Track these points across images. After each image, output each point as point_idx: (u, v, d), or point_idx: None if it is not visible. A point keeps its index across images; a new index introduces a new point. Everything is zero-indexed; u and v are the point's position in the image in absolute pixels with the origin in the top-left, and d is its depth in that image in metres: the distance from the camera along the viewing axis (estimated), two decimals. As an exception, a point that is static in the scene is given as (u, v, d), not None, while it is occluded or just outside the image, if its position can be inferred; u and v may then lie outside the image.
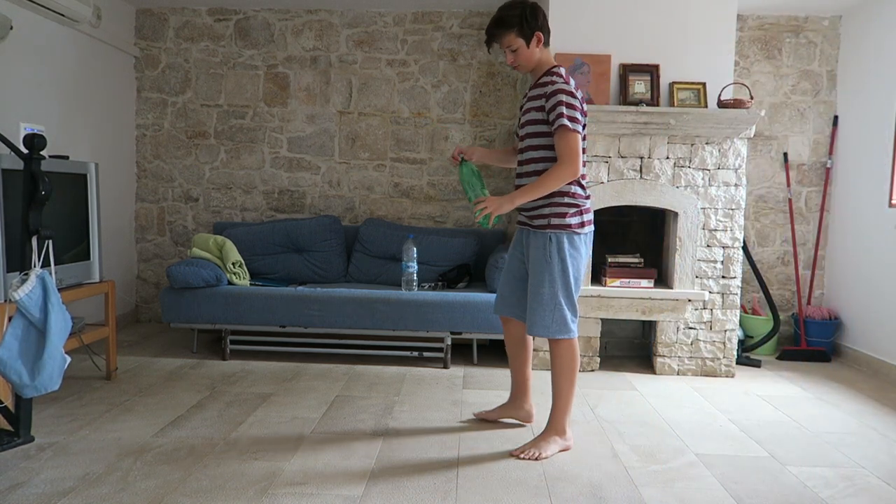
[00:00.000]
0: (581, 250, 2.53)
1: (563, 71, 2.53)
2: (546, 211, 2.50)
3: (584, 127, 2.51)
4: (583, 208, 2.53)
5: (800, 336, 4.33)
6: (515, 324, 2.78)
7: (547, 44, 2.56)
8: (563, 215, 2.49)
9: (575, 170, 2.42)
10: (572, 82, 2.50)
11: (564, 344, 2.54)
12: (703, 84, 3.77)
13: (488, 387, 3.45)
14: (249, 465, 2.37)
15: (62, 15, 3.72)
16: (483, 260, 4.42)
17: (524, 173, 2.57)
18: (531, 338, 2.79)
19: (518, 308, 2.72)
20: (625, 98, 3.77)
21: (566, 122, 2.40)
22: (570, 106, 2.42)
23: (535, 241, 2.54)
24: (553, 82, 2.47)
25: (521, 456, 2.50)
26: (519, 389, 2.85)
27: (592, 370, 3.81)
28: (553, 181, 2.42)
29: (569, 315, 2.52)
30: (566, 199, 2.49)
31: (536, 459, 2.48)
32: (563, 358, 2.55)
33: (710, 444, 2.71)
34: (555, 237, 2.49)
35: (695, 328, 3.78)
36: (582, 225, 2.52)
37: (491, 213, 2.46)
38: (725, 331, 3.77)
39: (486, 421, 2.89)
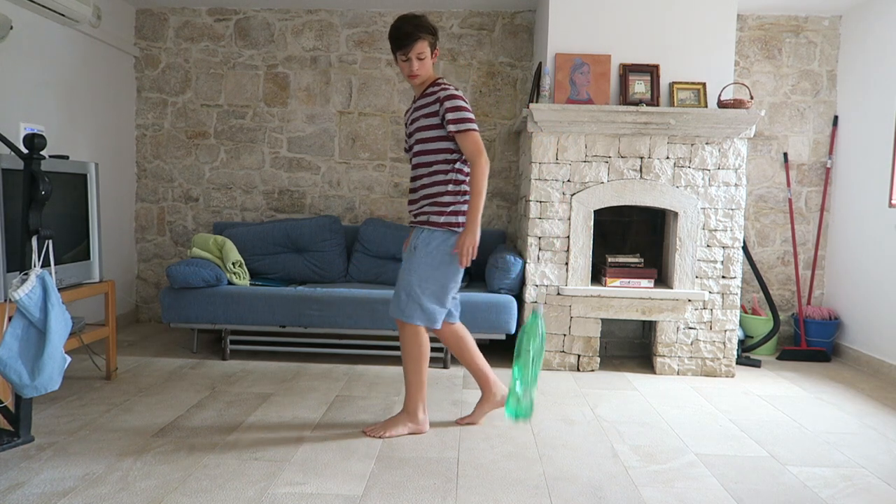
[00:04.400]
0: (444, 247, 2.61)
1: (447, 81, 2.67)
2: (428, 209, 2.64)
3: None
4: (460, 209, 2.63)
5: (800, 336, 4.33)
6: (446, 325, 2.80)
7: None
8: (441, 213, 2.61)
9: (486, 160, 2.56)
10: (458, 89, 2.63)
11: (409, 329, 2.64)
12: (703, 84, 3.77)
13: (488, 387, 3.45)
14: (249, 465, 2.37)
15: (62, 15, 3.72)
16: (483, 260, 4.42)
17: (418, 176, 2.68)
18: (465, 331, 2.84)
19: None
20: (625, 98, 3.77)
21: (466, 124, 2.54)
22: (463, 109, 2.55)
23: (416, 236, 2.67)
24: (444, 88, 2.59)
25: (368, 433, 2.67)
26: (483, 381, 2.86)
27: (592, 370, 3.81)
28: (480, 180, 2.55)
29: (424, 305, 2.61)
30: (444, 198, 2.61)
31: (379, 437, 2.65)
32: (407, 343, 2.66)
33: (710, 444, 2.71)
34: (428, 232, 2.62)
35: (695, 328, 3.78)
36: (458, 224, 2.62)
37: (471, 254, 2.57)
38: (725, 331, 3.77)
39: (473, 423, 2.88)
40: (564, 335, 3.80)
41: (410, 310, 2.62)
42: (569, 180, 3.76)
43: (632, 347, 4.23)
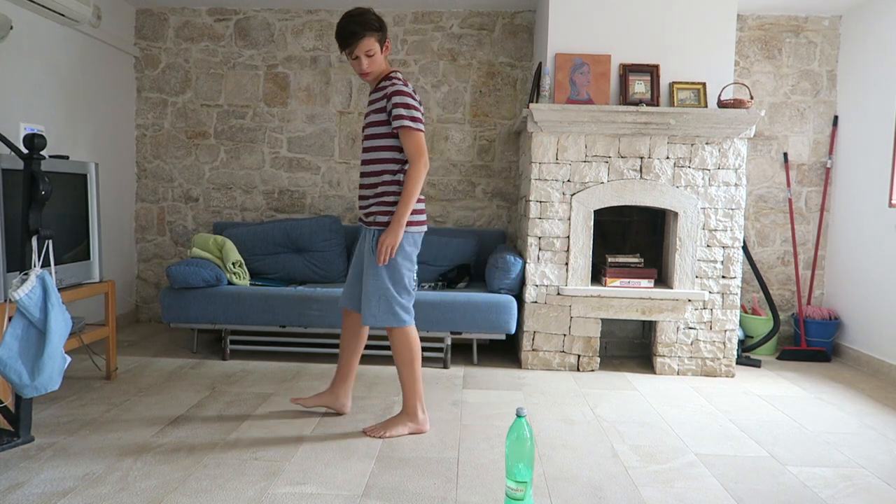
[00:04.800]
0: (406, 248, 2.62)
1: (401, 76, 2.63)
2: (374, 209, 2.62)
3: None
4: (415, 208, 2.62)
5: (800, 336, 4.33)
6: (353, 316, 2.83)
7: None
8: (387, 213, 2.60)
9: (425, 162, 2.54)
10: (410, 85, 2.60)
11: (396, 332, 2.65)
12: (703, 84, 3.77)
13: (488, 387, 3.45)
14: (249, 465, 2.37)
15: (62, 15, 3.72)
16: (483, 260, 4.42)
17: (369, 173, 2.65)
18: (365, 334, 2.86)
19: (356, 301, 2.78)
20: (625, 98, 3.77)
21: (408, 122, 2.51)
22: (410, 107, 2.53)
23: (367, 237, 2.66)
24: (393, 84, 2.56)
25: (369, 433, 2.67)
26: (340, 378, 2.87)
27: (592, 370, 3.81)
28: (414, 182, 2.53)
29: (396, 305, 2.61)
30: (390, 198, 2.60)
31: (380, 437, 2.65)
32: (397, 346, 2.67)
33: (710, 444, 2.71)
34: (379, 233, 2.60)
35: (695, 328, 3.78)
36: (415, 223, 2.63)
37: (391, 254, 2.56)
38: (725, 331, 3.77)
39: (305, 405, 2.89)
40: (564, 335, 3.80)
41: (392, 314, 2.62)
42: (569, 180, 3.76)
43: (632, 347, 4.23)
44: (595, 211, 3.82)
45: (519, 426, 2.00)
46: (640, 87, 3.78)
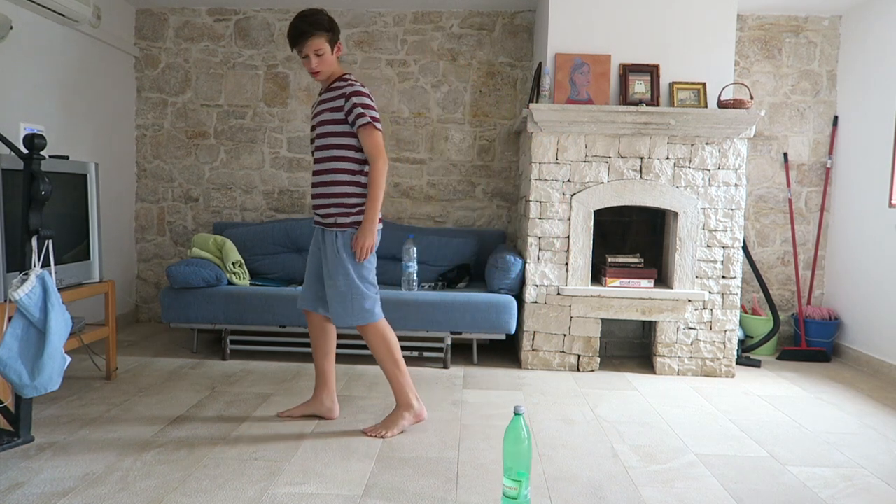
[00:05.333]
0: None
1: (355, 77, 2.69)
2: (332, 210, 2.63)
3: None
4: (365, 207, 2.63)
5: (800, 336, 4.33)
6: (315, 317, 2.84)
7: (339, 56, 2.71)
8: (348, 214, 2.62)
9: (384, 160, 2.57)
10: (366, 87, 2.67)
11: (370, 329, 2.68)
12: (703, 84, 3.77)
13: (488, 387, 3.45)
14: (249, 465, 2.37)
15: (62, 15, 3.72)
16: (483, 260, 4.42)
17: (324, 171, 2.64)
18: (333, 332, 2.87)
19: (317, 302, 2.80)
20: (625, 98, 3.77)
21: (370, 120, 2.54)
22: (369, 107, 2.56)
23: (327, 239, 2.66)
24: (350, 84, 2.60)
25: (369, 433, 2.67)
26: (321, 384, 2.88)
27: (592, 370, 3.81)
28: (377, 180, 2.56)
29: (366, 302, 2.64)
30: (350, 199, 2.62)
31: (382, 437, 2.65)
32: (373, 342, 2.69)
33: (710, 444, 2.71)
34: (341, 234, 2.62)
35: (695, 328, 3.78)
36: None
37: (366, 254, 2.60)
38: (725, 331, 3.77)
39: (292, 417, 2.88)
40: (564, 335, 3.80)
41: (363, 311, 2.64)
42: (569, 180, 3.76)
43: (632, 347, 4.23)
44: (595, 211, 3.82)
45: (516, 424, 2.00)
46: (640, 87, 3.78)
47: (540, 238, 3.77)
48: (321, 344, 2.86)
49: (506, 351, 4.26)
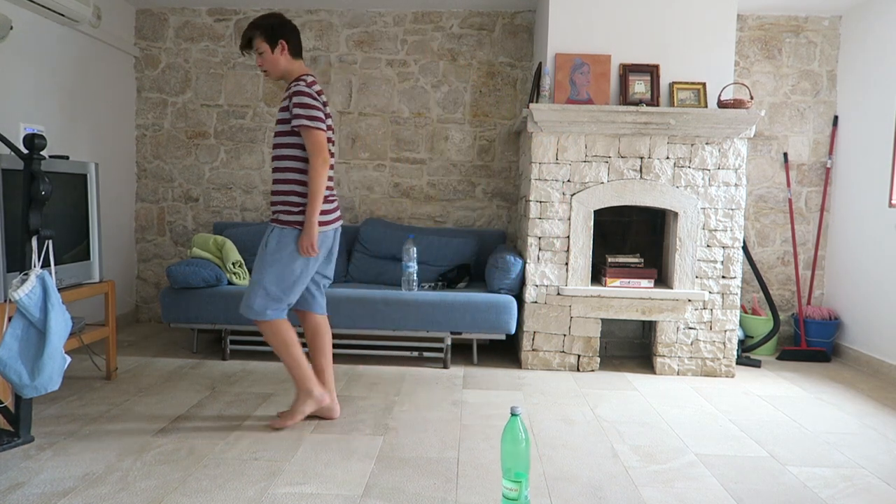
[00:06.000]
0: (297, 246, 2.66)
1: (308, 79, 2.70)
2: (279, 208, 2.69)
3: (328, 128, 2.71)
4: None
5: (800, 336, 4.33)
6: (305, 315, 2.88)
7: (295, 55, 2.74)
8: (290, 213, 2.66)
9: (324, 160, 2.60)
10: (317, 88, 2.68)
11: (264, 326, 2.72)
12: (703, 84, 3.77)
13: (488, 387, 3.45)
14: (249, 465, 2.37)
15: (62, 15, 3.72)
16: (483, 260, 4.42)
17: (277, 169, 2.71)
18: (326, 330, 2.90)
19: (302, 300, 2.85)
20: (625, 98, 3.77)
21: (306, 121, 2.59)
22: (308, 106, 2.60)
23: (266, 231, 2.76)
24: (297, 84, 2.66)
25: (274, 426, 2.74)
26: (321, 382, 2.90)
27: (592, 370, 3.81)
28: (315, 180, 2.60)
29: (259, 300, 2.67)
30: (294, 199, 2.67)
31: (284, 427, 2.74)
32: (266, 336, 2.74)
33: (710, 444, 2.71)
34: (278, 230, 2.67)
35: (695, 328, 3.78)
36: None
37: (308, 253, 2.62)
38: (725, 331, 3.77)
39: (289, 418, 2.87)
40: (564, 335, 3.80)
41: (257, 307, 2.68)
42: (569, 180, 3.76)
43: (632, 347, 4.23)
44: (595, 211, 3.82)
45: (513, 425, 2.00)
46: (640, 87, 3.78)
47: (540, 238, 3.77)
48: (315, 342, 2.88)
49: (506, 351, 4.26)
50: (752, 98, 3.75)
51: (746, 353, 4.23)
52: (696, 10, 3.80)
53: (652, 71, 3.78)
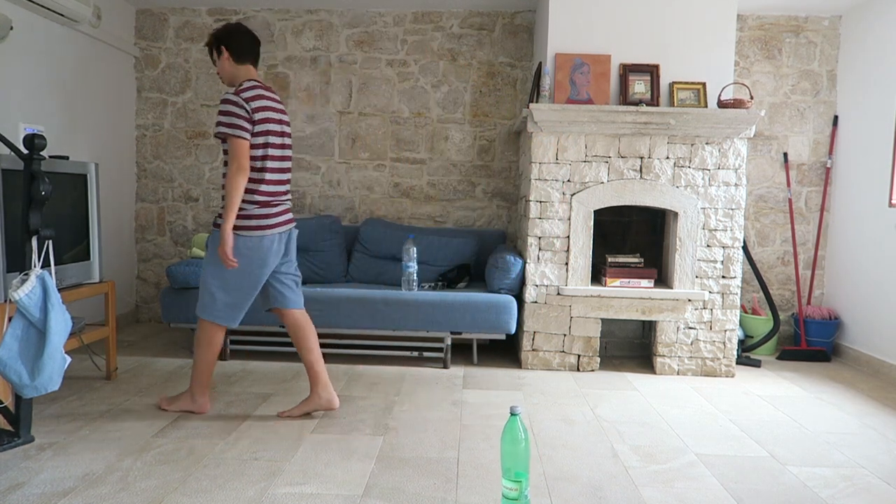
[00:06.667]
0: (242, 251, 2.70)
1: (246, 84, 2.71)
2: (221, 212, 2.74)
3: (266, 134, 2.69)
4: (246, 213, 2.70)
5: (800, 336, 4.33)
6: (283, 312, 2.91)
7: (239, 61, 2.77)
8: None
9: (238, 167, 2.62)
10: (248, 94, 2.67)
11: (203, 323, 2.81)
12: (703, 84, 3.77)
13: (488, 387, 3.45)
14: (249, 465, 2.37)
15: (62, 15, 3.72)
16: (483, 260, 4.42)
17: (223, 174, 2.75)
18: (308, 326, 2.92)
19: (275, 298, 2.90)
20: (625, 98, 3.77)
21: (224, 129, 2.64)
22: (228, 114, 2.64)
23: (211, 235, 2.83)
24: (226, 93, 2.70)
25: (160, 405, 2.93)
26: (312, 378, 2.91)
27: (592, 370, 3.81)
28: (229, 187, 2.63)
29: (214, 302, 2.76)
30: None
31: (164, 410, 2.91)
32: (198, 333, 2.83)
33: (710, 444, 2.71)
34: (216, 234, 2.74)
35: (695, 328, 3.78)
36: (247, 228, 2.70)
37: (224, 259, 2.65)
38: (725, 331, 3.77)
39: (292, 417, 2.91)
40: (564, 335, 3.80)
41: (202, 305, 2.78)
42: (569, 180, 3.76)
43: (632, 347, 4.23)
44: (595, 211, 3.82)
45: (513, 425, 2.00)
46: (640, 87, 3.78)
47: (540, 238, 3.77)
48: (300, 340, 2.91)
49: (506, 351, 4.26)
50: (752, 98, 3.75)
51: (746, 353, 4.23)
52: (696, 10, 3.80)
53: (652, 71, 3.78)
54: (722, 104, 3.68)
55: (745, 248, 4.19)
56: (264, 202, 2.72)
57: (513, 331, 3.74)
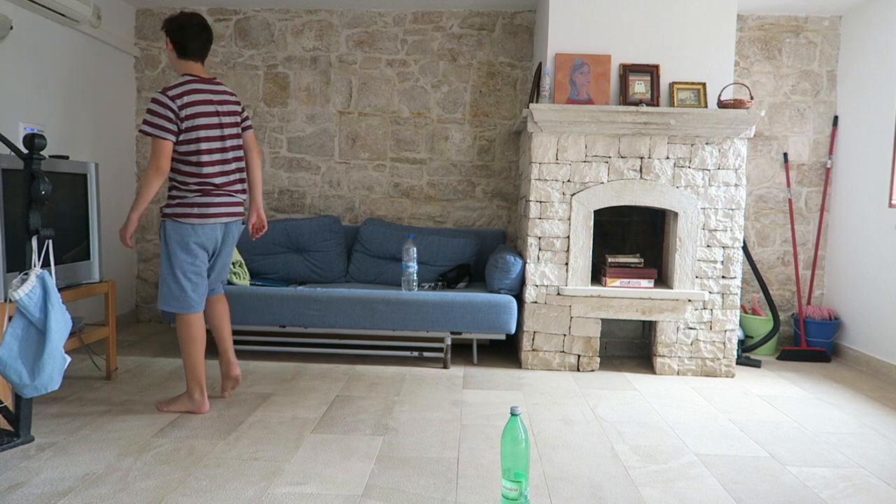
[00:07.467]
0: (184, 237, 2.78)
1: (179, 81, 2.77)
2: (165, 202, 2.81)
3: (197, 129, 2.74)
4: (186, 201, 2.77)
5: (800, 336, 4.33)
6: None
7: (181, 55, 2.81)
8: (169, 206, 2.80)
9: (156, 168, 2.70)
10: (176, 91, 2.71)
11: (177, 320, 2.87)
12: (703, 84, 3.77)
13: (488, 387, 3.45)
14: (249, 465, 2.37)
15: (62, 15, 3.72)
16: (483, 260, 4.43)
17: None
18: (218, 309, 3.07)
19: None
20: (625, 98, 3.77)
21: (145, 127, 2.70)
22: (153, 113, 2.69)
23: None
24: (156, 91, 2.82)
25: (158, 407, 2.94)
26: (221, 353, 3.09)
27: (592, 370, 3.81)
28: (142, 184, 2.72)
29: (173, 292, 2.81)
30: (172, 192, 2.81)
31: (163, 411, 2.91)
32: (177, 328, 2.88)
33: (710, 444, 2.71)
34: (163, 224, 2.82)
35: (695, 328, 3.78)
36: (185, 216, 2.77)
37: (129, 246, 2.81)
38: (725, 331, 3.77)
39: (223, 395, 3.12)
40: (564, 335, 3.80)
41: (164, 298, 2.83)
42: (569, 180, 3.76)
43: (632, 347, 4.23)
44: (595, 211, 3.82)
45: (513, 425, 2.00)
46: (640, 87, 3.78)
47: (540, 238, 3.77)
48: (214, 313, 3.07)
49: (506, 351, 4.26)
50: (752, 98, 3.75)
51: (746, 353, 4.23)
52: (695, 10, 3.80)
53: (652, 71, 3.78)
54: (722, 104, 3.68)
55: (745, 248, 4.19)
56: (206, 191, 2.78)
57: (513, 331, 3.74)
